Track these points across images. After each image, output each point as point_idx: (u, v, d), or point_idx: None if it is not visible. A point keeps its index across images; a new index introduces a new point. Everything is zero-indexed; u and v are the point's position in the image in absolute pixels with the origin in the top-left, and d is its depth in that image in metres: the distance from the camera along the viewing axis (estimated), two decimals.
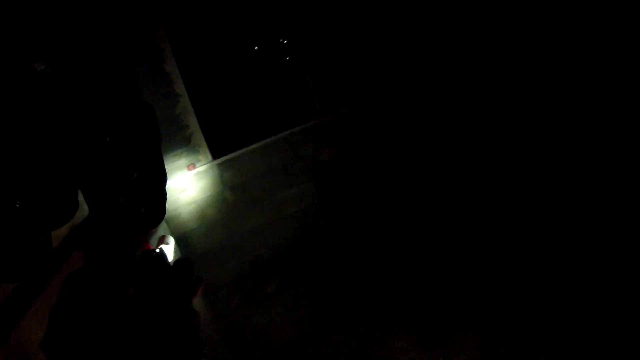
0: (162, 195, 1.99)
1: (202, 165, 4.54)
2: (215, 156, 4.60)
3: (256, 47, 4.68)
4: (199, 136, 4.44)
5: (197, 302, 4.44)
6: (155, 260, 2.35)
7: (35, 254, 1.45)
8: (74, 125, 1.42)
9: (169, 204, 4.51)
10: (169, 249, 3.06)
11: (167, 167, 4.39)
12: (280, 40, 4.77)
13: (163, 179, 1.96)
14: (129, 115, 1.59)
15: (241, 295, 4.73)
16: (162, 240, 3.24)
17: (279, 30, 4.71)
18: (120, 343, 1.74)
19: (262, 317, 4.35)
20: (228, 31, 4.53)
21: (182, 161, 4.45)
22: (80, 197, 1.73)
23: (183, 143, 4.39)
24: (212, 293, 4.82)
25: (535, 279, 3.19)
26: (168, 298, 2.18)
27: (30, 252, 1.43)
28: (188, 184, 4.54)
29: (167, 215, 4.53)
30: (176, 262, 2.58)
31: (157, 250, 2.65)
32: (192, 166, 4.48)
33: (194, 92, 4.39)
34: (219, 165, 4.62)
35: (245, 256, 4.96)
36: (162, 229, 3.60)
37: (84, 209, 2.13)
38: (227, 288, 4.88)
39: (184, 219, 4.62)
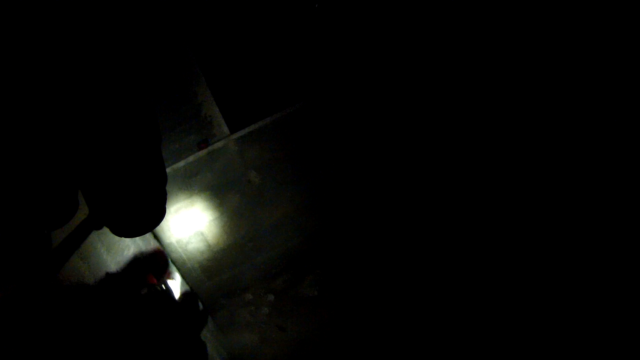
0: (162, 195, 1.86)
1: (217, 141, 3.50)
2: (233, 129, 3.53)
3: None
4: (211, 105, 3.36)
5: (222, 314, 3.65)
6: (161, 296, 2.20)
7: (35, 254, 1.54)
8: (74, 126, 1.38)
9: (179, 194, 3.56)
10: (175, 285, 2.67)
11: (172, 147, 3.38)
12: None
13: (163, 179, 1.83)
14: (128, 116, 1.51)
15: (273, 298, 3.90)
16: (168, 275, 2.74)
17: None
18: None
19: (299, 329, 3.54)
20: None
21: (191, 138, 3.41)
22: (80, 197, 1.71)
23: (191, 115, 3.32)
24: (238, 296, 4.00)
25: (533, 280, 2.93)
26: (175, 333, 2.14)
27: (30, 252, 1.51)
28: (201, 167, 3.54)
29: (176, 206, 3.60)
30: (182, 295, 2.50)
31: (163, 286, 2.39)
32: (204, 143, 3.45)
33: (201, 49, 3.25)
34: (239, 140, 3.57)
35: (275, 249, 4.06)
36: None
37: (84, 209, 1.90)
38: (255, 289, 4.05)
39: (199, 209, 3.68)
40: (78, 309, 1.87)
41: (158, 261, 2.73)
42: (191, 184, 3.59)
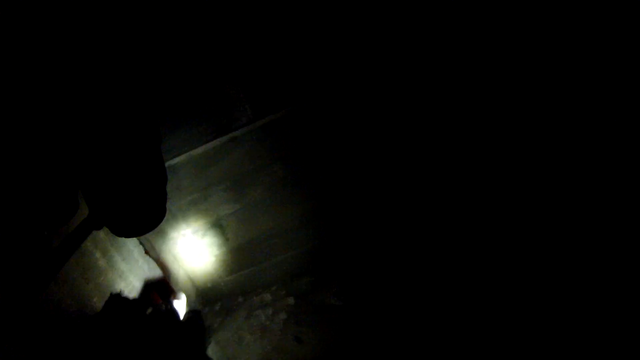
0: (163, 195, 1.86)
1: (238, 128, 3.11)
2: (257, 115, 3.11)
3: None
4: (231, 84, 2.95)
5: (236, 315, 3.38)
6: (165, 315, 2.18)
7: (35, 254, 1.55)
8: (74, 127, 1.38)
9: (195, 184, 3.25)
10: (181, 305, 2.57)
11: (184, 136, 3.05)
12: None
13: (163, 179, 1.82)
14: (127, 118, 1.52)
15: (293, 302, 3.56)
16: (174, 296, 2.67)
17: None
18: None
19: (317, 343, 3.18)
20: None
21: (204, 126, 3.04)
22: (80, 197, 1.68)
23: (205, 97, 2.93)
24: (256, 295, 3.70)
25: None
26: (180, 350, 2.11)
27: (30, 252, 1.51)
28: (220, 154, 3.18)
29: (190, 197, 3.30)
30: (187, 313, 2.43)
31: (167, 305, 2.37)
32: (221, 130, 3.07)
33: (218, 13, 2.80)
34: (264, 127, 3.16)
35: (299, 247, 3.69)
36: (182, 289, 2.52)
37: (84, 209, 1.86)
38: (275, 289, 3.73)
39: (215, 201, 3.35)
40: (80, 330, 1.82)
41: (164, 281, 2.57)
42: (209, 172, 3.25)
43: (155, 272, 2.54)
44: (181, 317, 2.35)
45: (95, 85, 1.40)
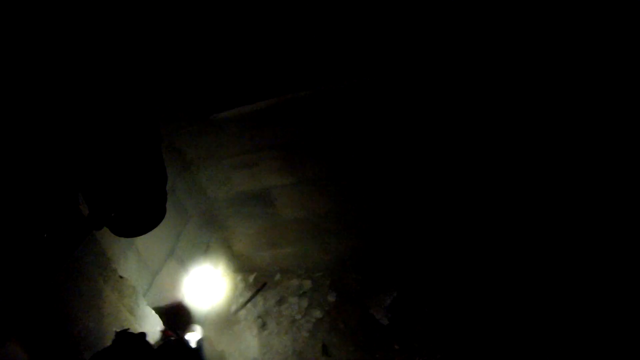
0: (163, 196, 1.80)
1: (303, 89, 2.33)
2: (326, 77, 2.27)
3: None
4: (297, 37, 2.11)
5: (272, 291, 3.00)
6: (175, 348, 2.12)
7: (35, 255, 1.50)
8: (73, 126, 1.39)
9: (241, 144, 2.66)
10: (194, 336, 2.44)
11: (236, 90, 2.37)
12: None
13: (163, 179, 1.76)
14: (127, 116, 1.52)
15: (334, 300, 3.01)
16: (188, 329, 2.62)
17: None
18: None
19: None
20: None
21: (261, 81, 2.30)
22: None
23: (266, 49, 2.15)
24: (296, 278, 3.21)
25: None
26: None
27: (29, 254, 1.47)
28: (275, 117, 2.49)
29: (235, 160, 2.74)
30: (197, 342, 2.34)
31: (178, 337, 2.34)
32: (281, 88, 2.32)
33: None
34: (338, 93, 2.34)
35: (358, 239, 3.02)
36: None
37: (83, 210, 1.73)
38: (317, 276, 3.19)
39: (264, 169, 2.74)
40: None
41: (179, 317, 2.54)
42: (258, 135, 2.60)
43: (174, 310, 2.37)
44: (193, 345, 2.22)
45: (93, 83, 1.37)
